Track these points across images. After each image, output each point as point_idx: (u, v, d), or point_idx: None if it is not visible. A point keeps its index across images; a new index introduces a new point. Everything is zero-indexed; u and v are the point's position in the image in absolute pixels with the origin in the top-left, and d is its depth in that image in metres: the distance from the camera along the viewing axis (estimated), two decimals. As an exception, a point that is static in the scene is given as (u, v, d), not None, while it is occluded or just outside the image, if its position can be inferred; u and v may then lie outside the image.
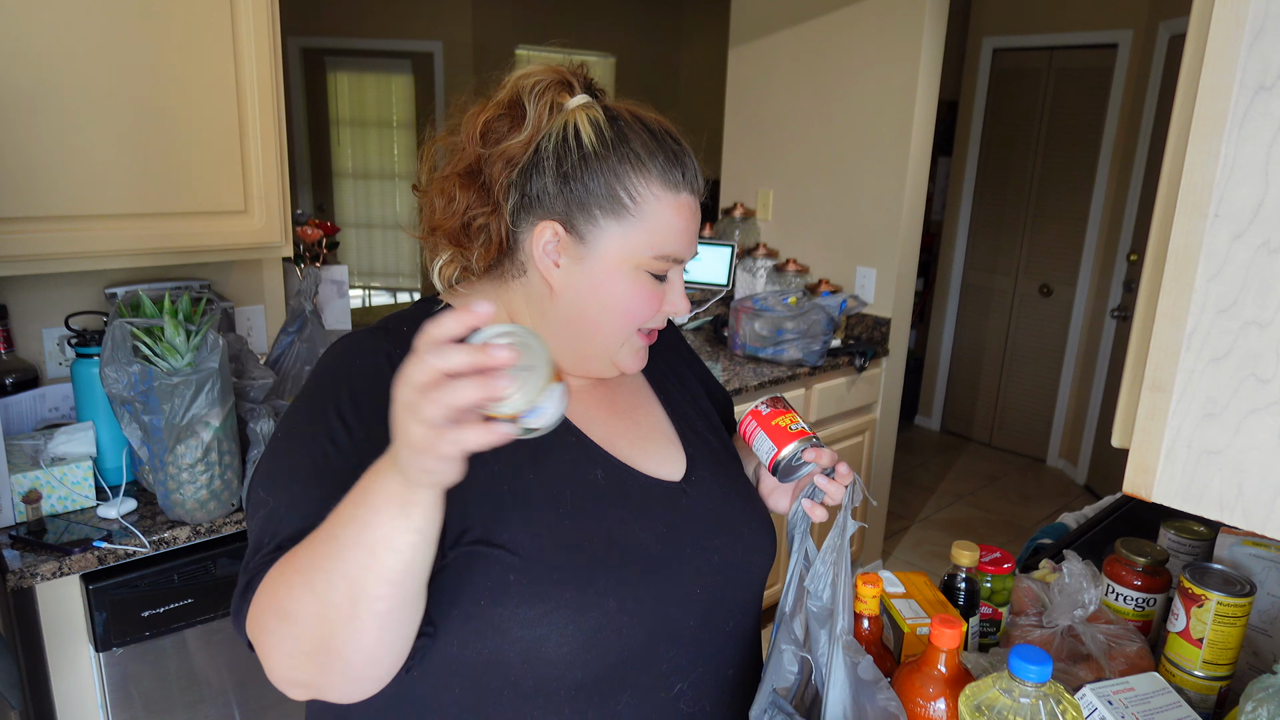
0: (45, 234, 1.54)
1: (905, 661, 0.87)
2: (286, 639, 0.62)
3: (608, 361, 0.85)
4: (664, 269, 0.81)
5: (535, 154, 0.79)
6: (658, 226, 0.79)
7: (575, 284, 0.81)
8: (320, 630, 0.60)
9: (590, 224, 0.79)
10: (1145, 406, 0.57)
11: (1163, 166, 0.59)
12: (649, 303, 0.82)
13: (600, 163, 0.78)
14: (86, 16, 1.52)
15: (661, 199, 0.79)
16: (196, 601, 1.49)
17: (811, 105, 3.09)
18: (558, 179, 0.78)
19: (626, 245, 0.79)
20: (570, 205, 0.78)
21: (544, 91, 0.80)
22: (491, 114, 0.81)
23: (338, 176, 5.36)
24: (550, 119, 0.79)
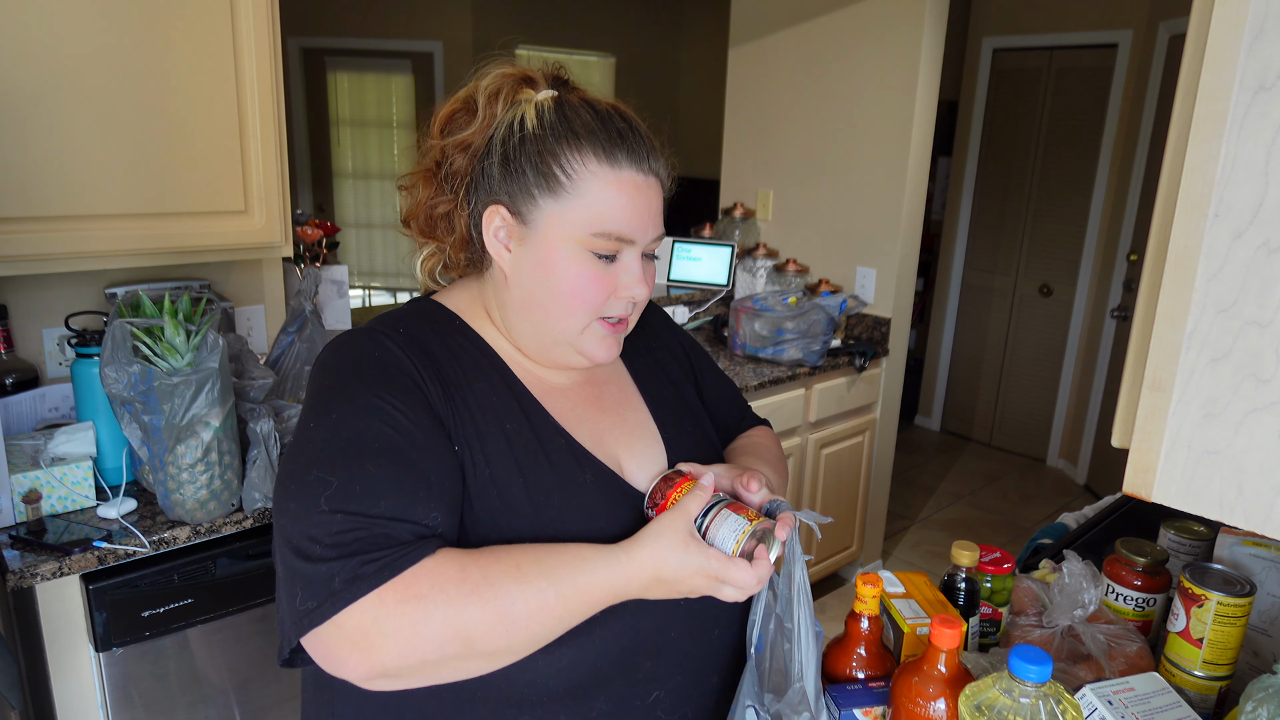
0: (45, 234, 1.54)
1: (905, 661, 0.87)
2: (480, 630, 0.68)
3: (571, 350, 0.84)
4: (609, 249, 0.80)
5: (488, 144, 0.81)
6: (595, 201, 0.78)
7: (523, 267, 0.81)
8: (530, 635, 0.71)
9: (530, 204, 0.79)
10: (1145, 406, 0.57)
11: (1163, 166, 0.59)
12: (596, 285, 0.80)
13: (537, 143, 0.78)
14: (87, 17, 1.52)
15: (598, 174, 0.78)
16: (196, 601, 1.49)
17: (811, 105, 3.09)
18: (501, 163, 0.80)
19: (564, 222, 0.79)
20: (512, 187, 0.79)
21: (498, 87, 0.82)
22: (452, 108, 0.84)
23: (338, 176, 5.37)
24: (505, 112, 0.81)
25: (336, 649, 0.67)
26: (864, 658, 0.91)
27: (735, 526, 0.77)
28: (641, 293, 0.83)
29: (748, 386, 2.50)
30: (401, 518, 0.71)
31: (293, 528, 0.72)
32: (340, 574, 0.67)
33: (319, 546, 0.69)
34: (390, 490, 0.71)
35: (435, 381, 0.79)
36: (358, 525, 0.69)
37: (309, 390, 0.81)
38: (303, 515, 0.71)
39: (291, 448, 0.77)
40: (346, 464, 0.71)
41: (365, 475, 0.71)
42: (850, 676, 0.91)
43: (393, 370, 0.77)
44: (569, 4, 5.51)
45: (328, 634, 0.68)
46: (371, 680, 0.69)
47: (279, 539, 0.74)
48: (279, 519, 0.74)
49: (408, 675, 0.69)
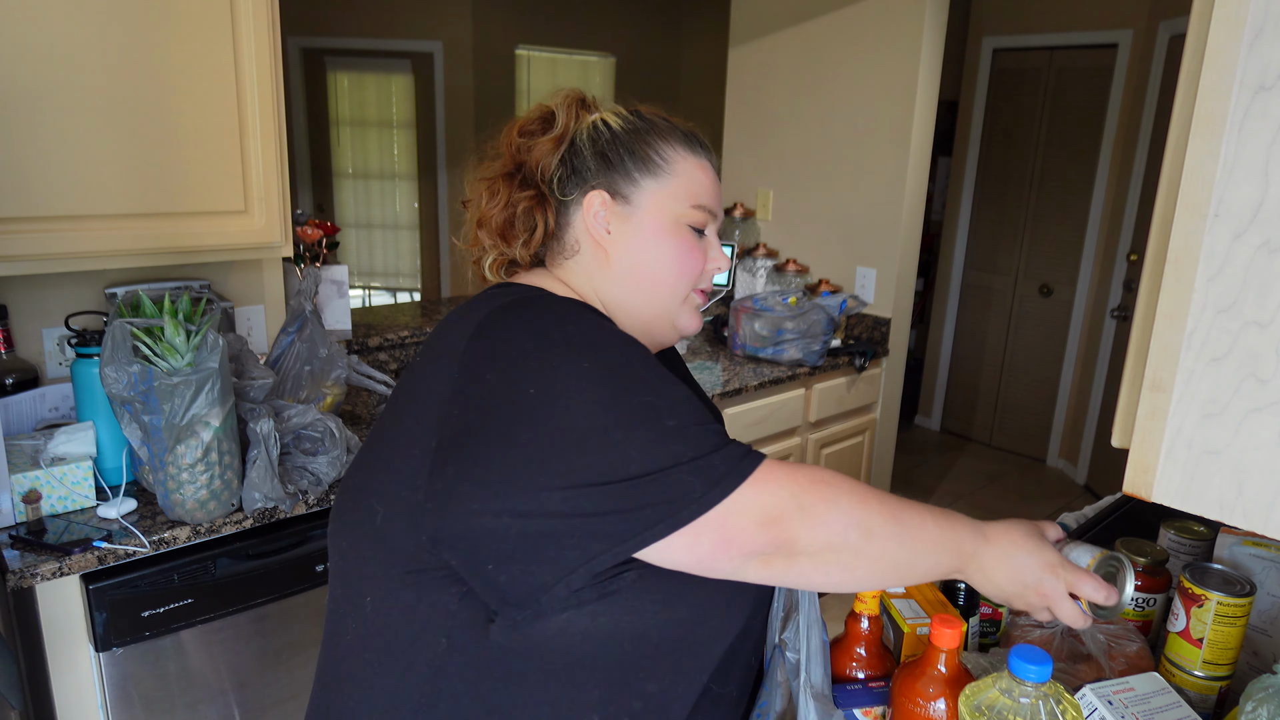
0: (45, 234, 1.54)
1: (905, 661, 0.87)
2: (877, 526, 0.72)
3: (669, 323, 0.92)
4: (702, 221, 0.90)
5: (571, 145, 0.90)
6: (689, 180, 0.89)
7: (628, 243, 0.88)
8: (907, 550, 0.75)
9: (631, 185, 0.88)
10: (1145, 406, 0.57)
11: (1163, 166, 0.59)
12: (695, 256, 0.90)
13: (631, 136, 0.89)
14: (87, 17, 1.52)
15: (687, 158, 0.90)
16: (196, 601, 1.49)
17: (811, 105, 3.09)
18: (595, 156, 0.89)
19: (666, 198, 0.88)
20: (612, 174, 0.88)
21: (570, 103, 0.92)
22: (524, 123, 0.92)
23: (338, 176, 5.36)
24: (578, 122, 0.91)
25: (744, 526, 0.69)
26: (864, 658, 0.91)
27: (1088, 549, 0.81)
28: (725, 263, 0.94)
29: (748, 386, 2.50)
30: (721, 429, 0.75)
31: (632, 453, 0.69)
32: (716, 460, 0.69)
33: (682, 445, 0.69)
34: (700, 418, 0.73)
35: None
36: (706, 432, 0.71)
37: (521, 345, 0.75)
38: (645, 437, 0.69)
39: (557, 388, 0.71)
40: (663, 385, 0.73)
41: (681, 392, 0.73)
42: (850, 676, 0.91)
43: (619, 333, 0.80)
44: (569, 4, 5.51)
45: (735, 514, 0.69)
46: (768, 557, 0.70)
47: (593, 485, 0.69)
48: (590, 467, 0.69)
49: (804, 559, 0.71)
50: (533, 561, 0.72)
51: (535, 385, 0.72)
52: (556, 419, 0.70)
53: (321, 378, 1.80)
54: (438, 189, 5.38)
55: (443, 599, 0.77)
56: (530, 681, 0.77)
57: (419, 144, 5.29)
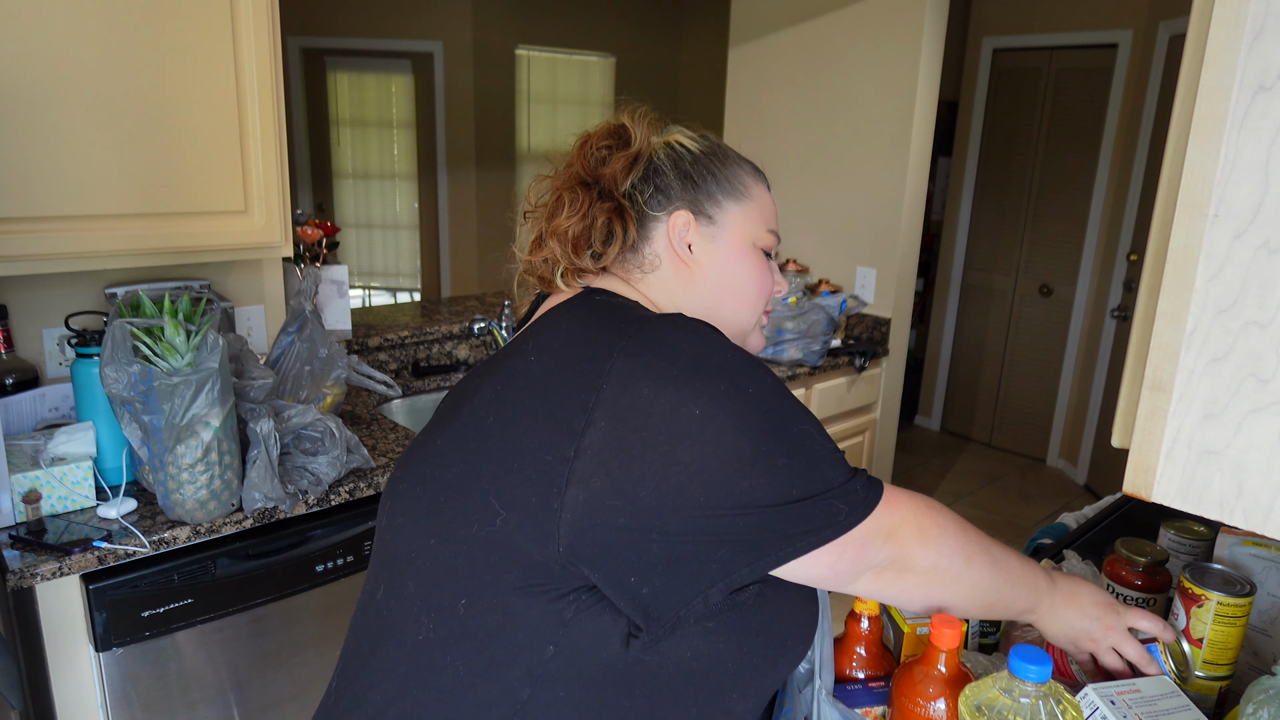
0: (45, 234, 1.54)
1: (905, 661, 0.87)
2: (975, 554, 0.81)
3: (743, 341, 0.96)
4: (771, 244, 0.95)
5: (650, 163, 0.92)
6: (763, 206, 0.95)
7: (712, 260, 0.92)
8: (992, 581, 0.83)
9: (716, 207, 0.92)
10: (1145, 406, 0.57)
11: (1163, 166, 0.59)
12: (768, 276, 0.95)
13: (712, 159, 0.94)
14: (87, 17, 1.52)
15: (758, 185, 0.96)
16: (196, 601, 1.49)
17: (811, 105, 3.09)
18: (679, 176, 0.92)
19: (747, 220, 0.93)
20: (697, 194, 0.92)
21: (646, 121, 0.95)
22: (598, 138, 0.94)
23: (338, 176, 5.36)
24: (655, 138, 0.94)
25: (873, 544, 0.75)
26: (864, 658, 0.91)
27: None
28: (786, 287, 0.99)
29: (748, 386, 2.50)
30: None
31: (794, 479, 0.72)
32: (865, 478, 0.76)
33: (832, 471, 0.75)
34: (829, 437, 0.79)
35: None
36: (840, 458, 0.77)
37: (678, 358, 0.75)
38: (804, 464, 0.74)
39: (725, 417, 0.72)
40: (805, 411, 0.78)
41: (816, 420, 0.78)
42: (850, 676, 0.91)
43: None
44: (569, 4, 5.51)
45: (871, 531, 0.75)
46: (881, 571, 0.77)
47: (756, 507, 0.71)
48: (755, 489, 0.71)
49: (912, 576, 0.78)
50: (675, 576, 0.72)
51: (700, 406, 0.72)
52: (722, 441, 0.71)
53: (321, 378, 1.80)
54: (438, 189, 5.38)
55: (558, 607, 0.75)
56: (635, 696, 0.76)
57: (419, 144, 5.29)
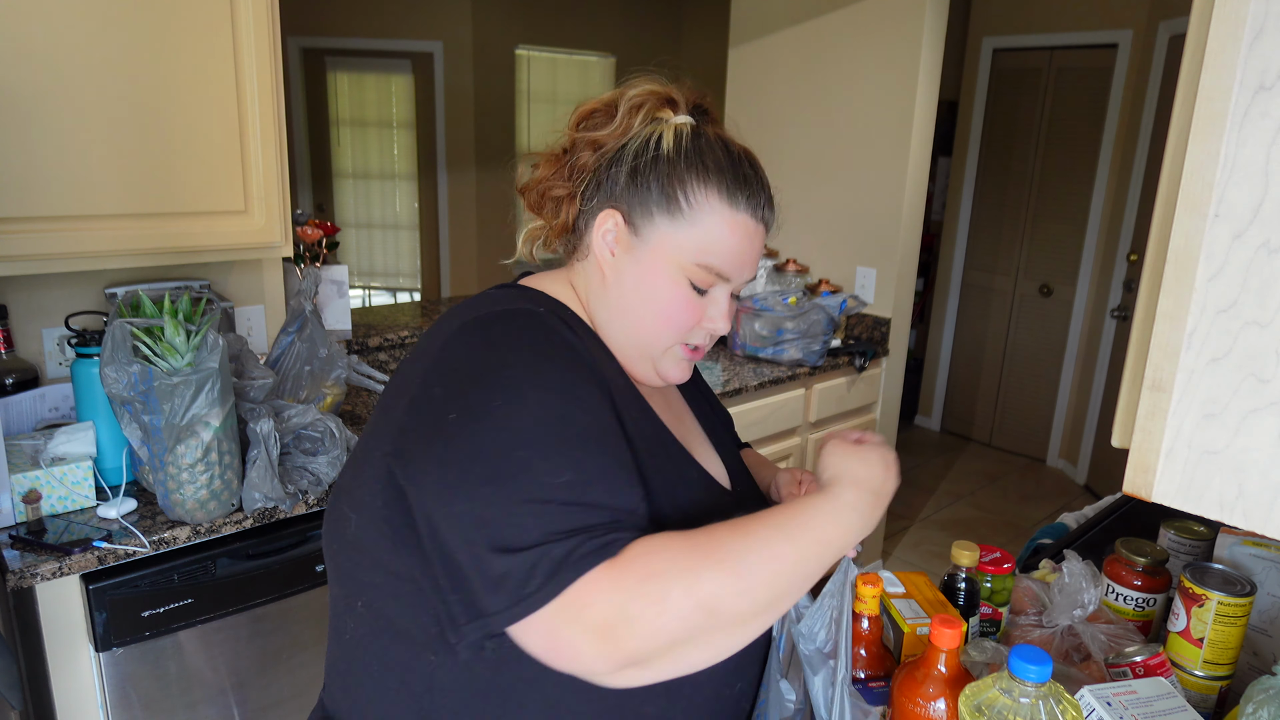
0: (45, 234, 1.54)
1: (905, 661, 0.87)
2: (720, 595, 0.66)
3: (650, 365, 0.87)
4: (706, 281, 0.83)
5: (620, 150, 0.84)
6: (708, 235, 0.82)
7: (624, 275, 0.84)
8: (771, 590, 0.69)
9: (646, 218, 0.83)
10: (1145, 406, 0.57)
11: (1163, 166, 0.59)
12: (687, 310, 0.84)
13: (668, 165, 0.82)
14: (86, 17, 1.52)
15: (717, 210, 0.82)
16: (196, 601, 1.49)
17: (811, 105, 3.09)
18: (629, 173, 0.83)
19: (673, 243, 0.82)
20: (633, 199, 0.83)
21: (642, 100, 0.85)
22: (593, 107, 0.87)
23: (338, 176, 5.36)
24: (642, 126, 0.85)
25: (573, 640, 0.65)
26: (864, 658, 0.91)
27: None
28: (724, 327, 0.87)
29: (748, 386, 2.50)
30: (612, 504, 0.70)
31: (489, 513, 0.68)
32: (555, 553, 0.65)
33: (529, 534, 0.66)
34: (598, 477, 0.70)
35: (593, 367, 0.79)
36: (570, 512, 0.67)
37: (471, 364, 0.74)
38: (502, 501, 0.68)
39: (468, 423, 0.71)
40: (552, 448, 0.70)
41: (574, 461, 0.69)
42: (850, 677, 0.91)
43: (574, 353, 0.77)
44: (569, 4, 5.51)
45: (562, 625, 0.65)
46: (618, 672, 0.65)
47: (461, 524, 0.69)
48: (460, 503, 0.69)
49: (658, 660, 0.66)
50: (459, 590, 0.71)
51: (458, 412, 0.72)
52: (469, 450, 0.70)
53: (321, 378, 1.80)
54: (438, 189, 5.38)
55: (422, 614, 0.75)
56: (528, 709, 0.75)
57: (419, 144, 5.29)
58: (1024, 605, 1.09)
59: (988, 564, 1.06)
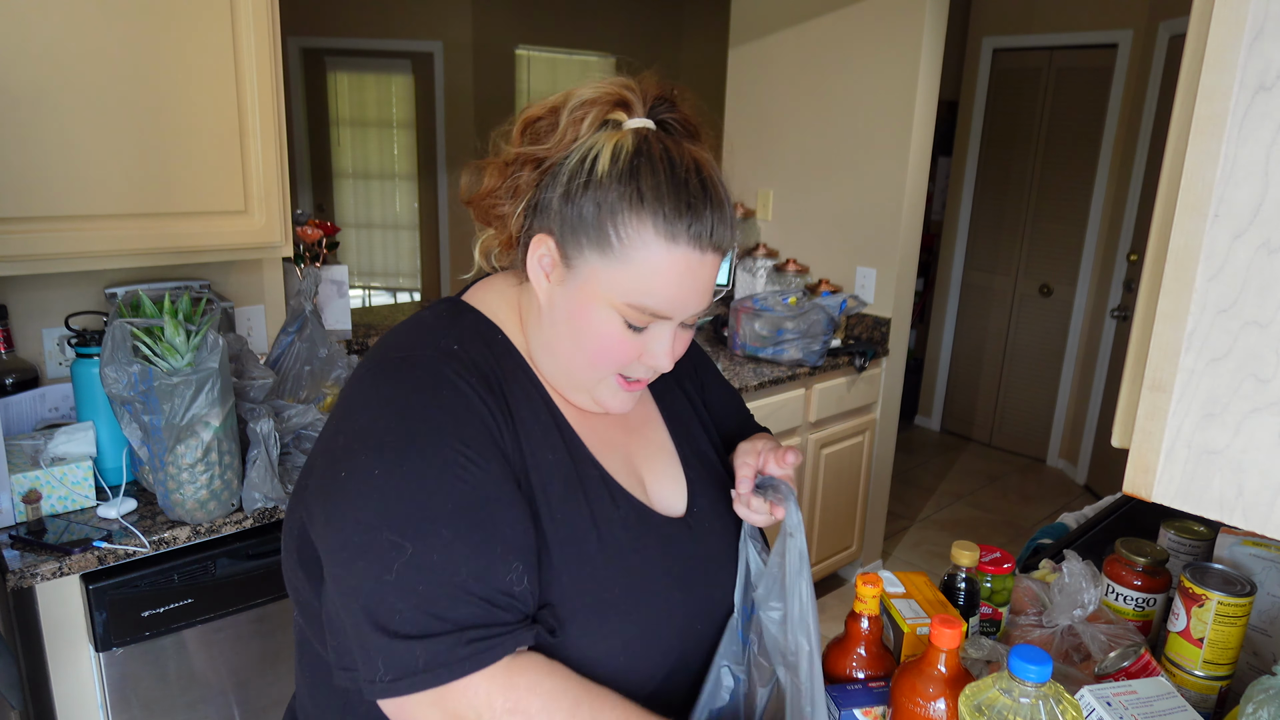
0: (45, 234, 1.54)
1: (905, 661, 0.87)
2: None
3: (587, 395, 0.83)
4: (642, 320, 0.77)
5: (557, 169, 0.77)
6: (640, 274, 0.74)
7: (556, 305, 0.79)
8: None
9: (576, 250, 0.76)
10: (1145, 406, 0.57)
11: (1163, 166, 0.59)
12: (621, 349, 0.78)
13: (600, 192, 0.74)
14: (87, 17, 1.52)
15: (651, 246, 0.73)
16: (196, 601, 1.49)
17: (811, 105, 3.09)
18: (562, 196, 0.76)
19: (604, 282, 0.75)
20: (564, 225, 0.76)
21: (587, 107, 0.77)
22: (536, 114, 0.80)
23: (338, 176, 5.36)
24: (590, 134, 0.77)
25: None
26: (864, 658, 0.91)
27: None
28: (666, 365, 0.80)
29: (748, 386, 2.50)
30: (482, 584, 0.69)
31: (365, 586, 0.69)
32: (433, 649, 0.66)
33: (405, 622, 0.67)
34: (468, 555, 0.69)
35: (501, 414, 0.76)
36: (440, 598, 0.68)
37: (363, 413, 0.75)
38: (375, 577, 0.68)
39: (351, 487, 0.71)
40: (423, 528, 0.69)
41: (443, 541, 0.68)
42: (850, 676, 0.91)
43: (466, 414, 0.74)
44: (569, 4, 5.51)
45: (421, 713, 0.68)
46: None
47: (344, 588, 0.70)
48: (341, 568, 0.71)
49: None
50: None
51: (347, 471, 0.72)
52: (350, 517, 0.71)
53: (321, 378, 1.80)
54: (438, 189, 5.38)
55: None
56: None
57: (419, 144, 5.29)
58: (1024, 605, 1.09)
59: (988, 564, 1.06)
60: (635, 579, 0.79)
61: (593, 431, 0.85)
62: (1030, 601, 1.08)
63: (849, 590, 3.13)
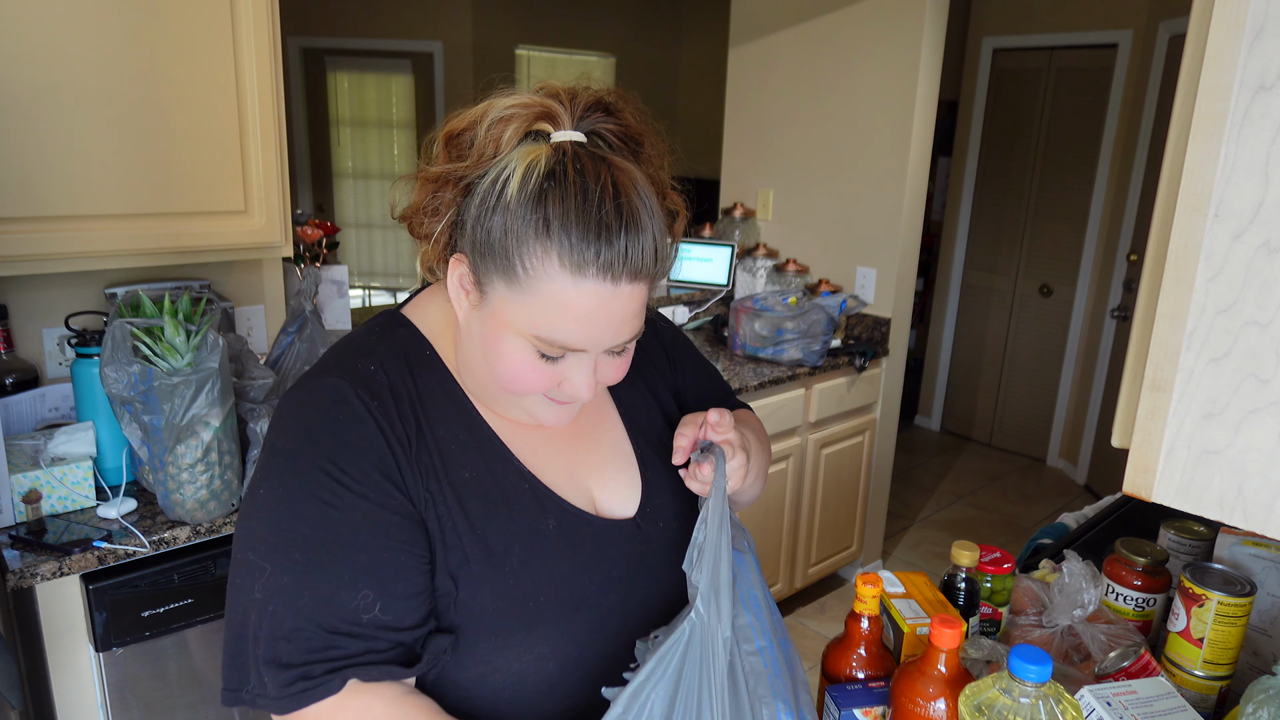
0: (45, 234, 1.54)
1: (905, 661, 0.87)
2: None
3: (519, 411, 0.81)
4: (554, 352, 0.73)
5: (471, 187, 0.74)
6: (548, 307, 0.70)
7: (473, 328, 0.77)
8: None
9: (486, 276, 0.73)
10: (1145, 406, 0.57)
11: (1163, 166, 0.59)
12: (536, 378, 0.75)
13: (508, 218, 0.70)
14: (87, 17, 1.52)
15: (557, 280, 0.69)
16: (196, 601, 1.49)
17: (811, 105, 3.09)
18: (475, 219, 0.73)
19: (512, 312, 0.72)
20: (475, 249, 0.73)
21: (504, 123, 0.74)
22: (459, 127, 0.76)
23: (338, 176, 5.36)
24: (508, 151, 0.73)
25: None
26: (864, 658, 0.91)
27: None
28: (585, 396, 0.77)
29: (747, 386, 2.50)
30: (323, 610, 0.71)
31: (232, 599, 0.75)
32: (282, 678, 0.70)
33: (260, 641, 0.71)
34: (315, 580, 0.71)
35: (404, 441, 0.76)
36: (284, 619, 0.70)
37: (268, 439, 0.78)
38: (237, 592, 0.74)
39: (245, 505, 0.77)
40: (280, 550, 0.72)
41: (294, 564, 0.71)
42: (850, 676, 0.91)
43: (353, 438, 0.74)
44: (569, 4, 5.51)
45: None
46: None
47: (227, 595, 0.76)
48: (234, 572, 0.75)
49: None
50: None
51: (250, 486, 0.77)
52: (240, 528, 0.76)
53: (321, 378, 1.80)
54: (438, 189, 5.38)
55: None
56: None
57: (419, 144, 5.28)
58: (1024, 605, 1.09)
59: (988, 564, 1.06)
60: (563, 587, 0.79)
61: (528, 443, 0.84)
62: (1030, 601, 1.08)
63: (849, 590, 3.13)
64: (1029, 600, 1.09)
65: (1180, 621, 0.94)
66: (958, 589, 1.01)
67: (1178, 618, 0.95)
